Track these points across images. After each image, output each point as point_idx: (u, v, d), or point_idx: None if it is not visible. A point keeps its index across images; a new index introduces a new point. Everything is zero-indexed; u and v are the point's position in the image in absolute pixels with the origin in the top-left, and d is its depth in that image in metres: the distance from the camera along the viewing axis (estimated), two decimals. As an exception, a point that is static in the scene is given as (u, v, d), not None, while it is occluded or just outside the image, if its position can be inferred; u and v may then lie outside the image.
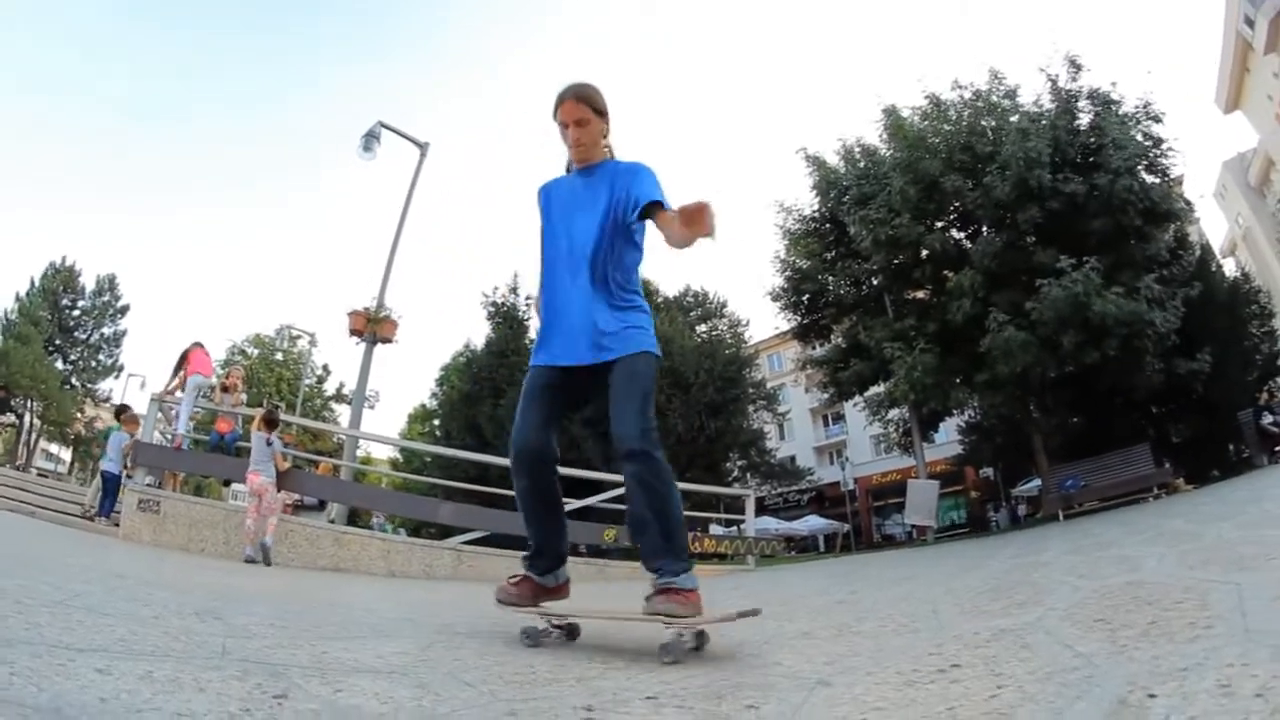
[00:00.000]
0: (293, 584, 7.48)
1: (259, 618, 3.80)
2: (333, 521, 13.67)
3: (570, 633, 3.54)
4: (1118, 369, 21.81)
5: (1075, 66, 24.59)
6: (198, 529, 10.61)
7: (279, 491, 11.02)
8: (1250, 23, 50.56)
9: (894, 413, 29.13)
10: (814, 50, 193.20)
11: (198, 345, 13.16)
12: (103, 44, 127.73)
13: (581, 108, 3.43)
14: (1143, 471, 19.66)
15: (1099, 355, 20.49)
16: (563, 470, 12.55)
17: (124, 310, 50.75)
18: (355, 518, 18.88)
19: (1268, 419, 19.42)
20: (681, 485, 12.40)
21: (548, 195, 3.62)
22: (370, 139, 17.77)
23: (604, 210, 3.39)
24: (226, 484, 15.89)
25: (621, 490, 13.95)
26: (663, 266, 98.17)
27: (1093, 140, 23.02)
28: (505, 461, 12.21)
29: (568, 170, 3.63)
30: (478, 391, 37.28)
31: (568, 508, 14.04)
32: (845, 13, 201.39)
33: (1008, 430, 30.52)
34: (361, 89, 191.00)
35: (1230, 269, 47.97)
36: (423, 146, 18.53)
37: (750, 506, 16.71)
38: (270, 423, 11.15)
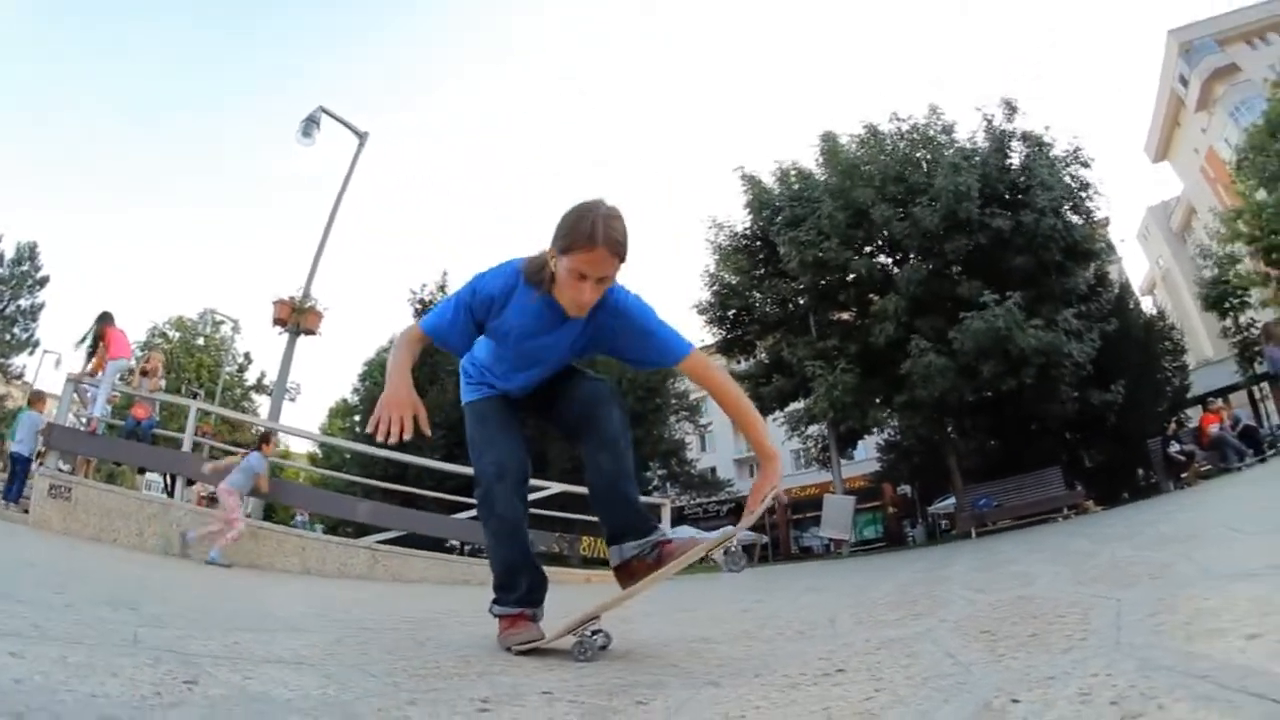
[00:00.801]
0: (207, 578, 7.45)
1: (172, 609, 3.84)
2: (248, 515, 13.55)
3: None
4: (1034, 396, 22.47)
5: (1011, 108, 25.52)
6: (110, 518, 10.31)
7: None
8: (1184, 81, 54.54)
9: (813, 429, 29.50)
10: (758, 70, 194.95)
11: (110, 322, 12.67)
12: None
13: (614, 263, 2.75)
14: (1054, 493, 20.29)
15: (1016, 383, 21.17)
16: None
17: (43, 282, 47.94)
18: (271, 513, 18.65)
19: (1174, 447, 20.04)
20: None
21: (488, 304, 2.95)
22: (310, 124, 17.59)
23: (574, 352, 3.15)
24: (141, 472, 15.61)
25: (539, 495, 13.98)
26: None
27: (1022, 179, 23.85)
28: (425, 461, 12.22)
29: (528, 281, 2.90)
30: None
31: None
32: (795, 37, 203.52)
33: (925, 450, 31.12)
34: (322, 76, 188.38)
35: (1149, 306, 51.11)
36: (362, 136, 18.41)
37: (666, 516, 16.73)
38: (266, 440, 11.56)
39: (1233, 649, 1.57)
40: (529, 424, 3.42)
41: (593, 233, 2.64)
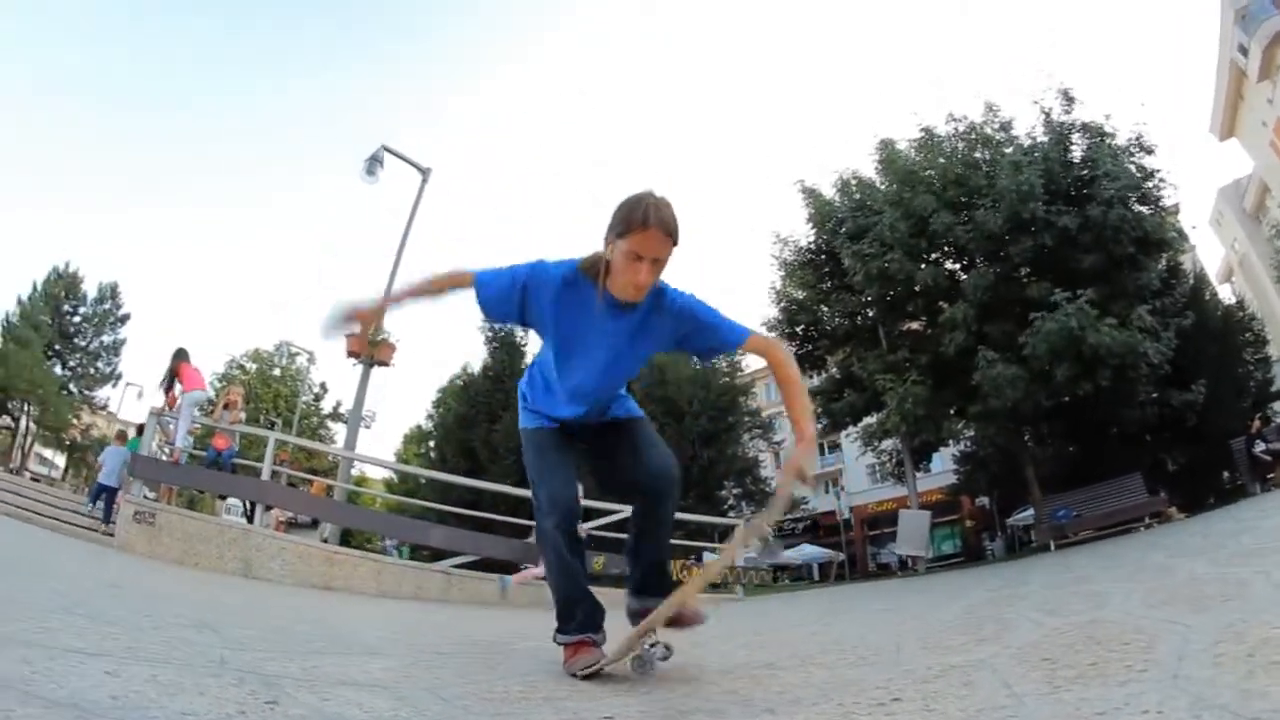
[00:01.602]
0: (285, 601, 7.60)
1: (253, 631, 3.96)
2: (325, 540, 13.77)
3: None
4: (1111, 400, 22.01)
5: (1068, 99, 24.91)
6: (191, 543, 10.60)
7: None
8: (1244, 50, 51.10)
9: (887, 443, 29.33)
10: (814, 77, 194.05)
11: (185, 359, 13.02)
12: (102, 38, 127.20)
13: (668, 244, 2.84)
14: (1135, 501, 19.77)
15: (1092, 386, 20.73)
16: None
17: (124, 319, 50.33)
18: (349, 537, 18.94)
19: (1260, 447, 19.50)
20: (676, 514, 12.52)
21: (540, 294, 3.00)
22: (374, 163, 17.93)
23: (636, 358, 3.19)
24: (222, 499, 15.98)
25: (611, 519, 14.05)
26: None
27: (1085, 172, 23.29)
28: (498, 486, 12.38)
29: (583, 275, 2.99)
30: (473, 415, 37.46)
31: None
32: (846, 41, 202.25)
33: (1002, 460, 30.63)
34: (368, 95, 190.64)
35: (1227, 294, 49.33)
36: (424, 172, 18.68)
37: (739, 536, 16.56)
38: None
39: None
40: (582, 462, 3.47)
41: (646, 216, 2.76)
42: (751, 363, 43.40)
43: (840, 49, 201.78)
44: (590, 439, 3.43)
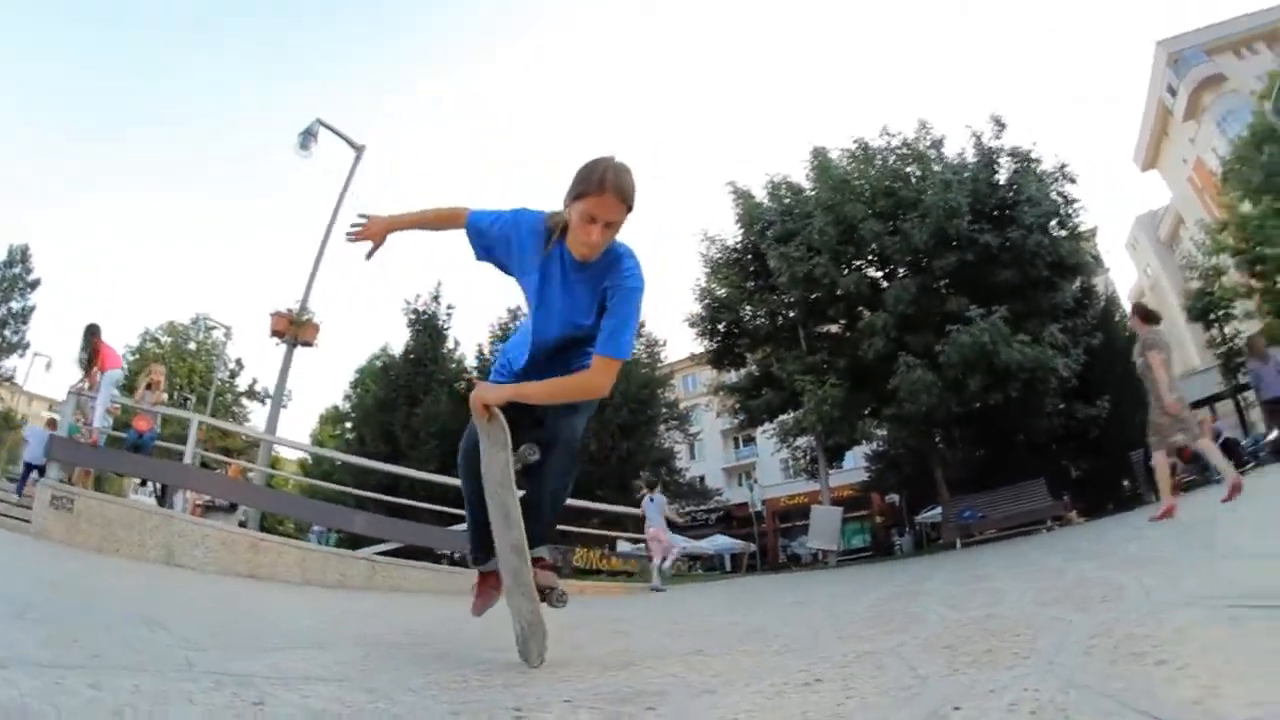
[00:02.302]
0: (215, 591, 7.65)
1: (199, 626, 4.09)
2: (244, 525, 13.66)
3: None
4: (1020, 410, 22.83)
5: (999, 125, 26.02)
6: (112, 529, 10.38)
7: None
8: (1173, 91, 55.53)
9: (802, 440, 29.84)
10: (752, 82, 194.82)
11: (98, 334, 12.65)
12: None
13: (621, 209, 3.02)
14: (1038, 505, 20.63)
15: (1002, 397, 21.51)
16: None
17: (34, 285, 47.13)
18: (265, 521, 18.78)
19: (1157, 459, 20.38)
20: (591, 505, 12.95)
21: (515, 236, 3.26)
22: (308, 136, 17.70)
23: (585, 318, 3.24)
24: (143, 483, 15.73)
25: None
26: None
27: (1010, 195, 24.38)
28: (419, 474, 12.51)
29: (549, 230, 3.22)
30: (393, 398, 36.95)
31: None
32: (785, 52, 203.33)
33: (913, 460, 31.43)
34: (313, 82, 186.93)
35: None
36: (359, 149, 18.55)
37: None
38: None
39: (1142, 673, 1.87)
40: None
41: (602, 180, 2.95)
42: (670, 355, 43.88)
43: (780, 57, 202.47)
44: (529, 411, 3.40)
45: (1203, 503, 11.40)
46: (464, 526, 11.80)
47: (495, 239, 3.30)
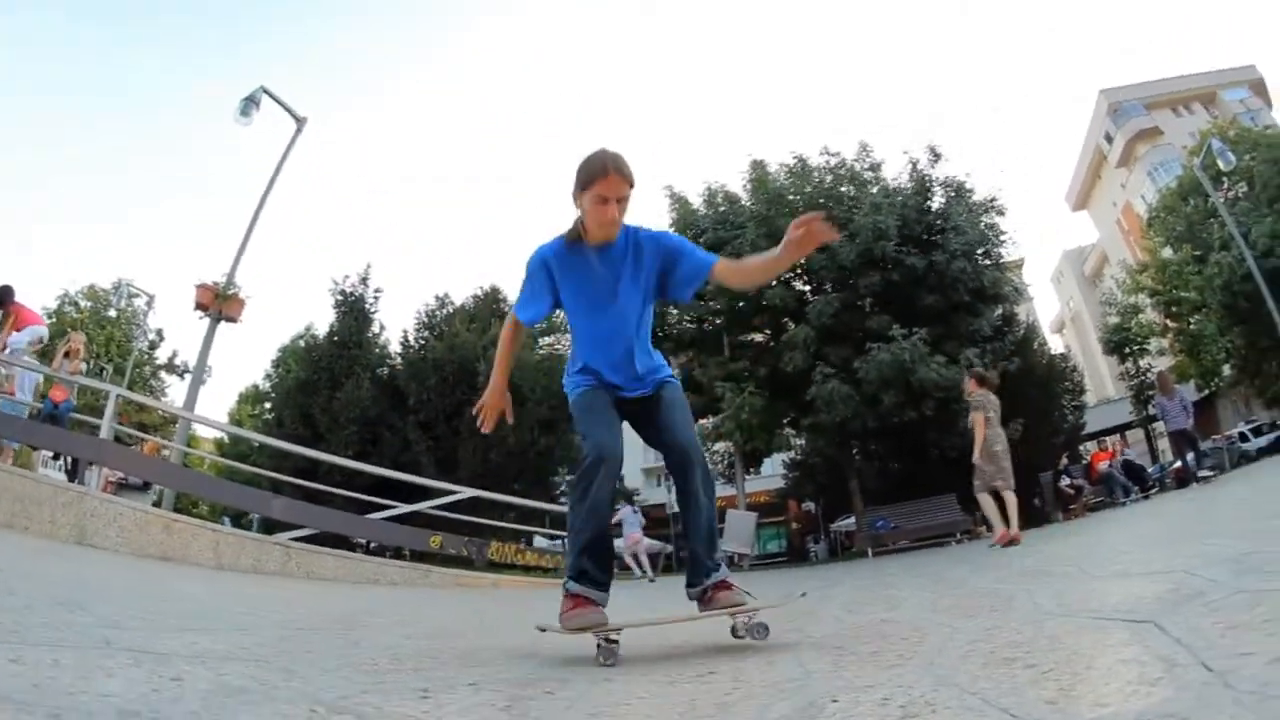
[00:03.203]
0: (130, 573, 7.51)
1: (118, 608, 4.04)
2: (158, 504, 13.37)
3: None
4: (935, 427, 23.30)
5: (935, 155, 26.76)
6: (24, 505, 9.66)
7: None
8: (1109, 138, 59.00)
9: (720, 445, 30.22)
10: (693, 91, 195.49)
11: (12, 297, 12.24)
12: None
13: (625, 185, 3.33)
14: (948, 518, 21.11)
15: (917, 414, 22.00)
16: (394, 474, 12.81)
17: None
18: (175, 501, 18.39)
19: (1065, 481, 21.17)
20: (510, 499, 12.91)
21: (549, 269, 3.50)
22: (249, 104, 17.05)
23: (632, 297, 3.52)
24: (56, 457, 15.27)
25: (448, 499, 14.19)
26: (512, 276, 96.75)
27: (939, 222, 24.99)
28: (337, 459, 12.30)
29: (571, 241, 3.49)
30: (315, 380, 36.08)
31: (396, 511, 14.03)
32: (728, 66, 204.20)
33: (830, 469, 31.79)
34: (267, 56, 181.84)
35: (1058, 344, 57.39)
36: (300, 121, 18.05)
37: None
38: None
39: (1009, 675, 2.01)
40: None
41: (604, 165, 3.28)
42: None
43: (725, 66, 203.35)
44: (634, 409, 3.72)
45: (1105, 520, 11.76)
46: (381, 515, 11.60)
47: (545, 289, 3.53)
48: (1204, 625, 1.94)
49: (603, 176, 3.26)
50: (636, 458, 60.36)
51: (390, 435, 33.46)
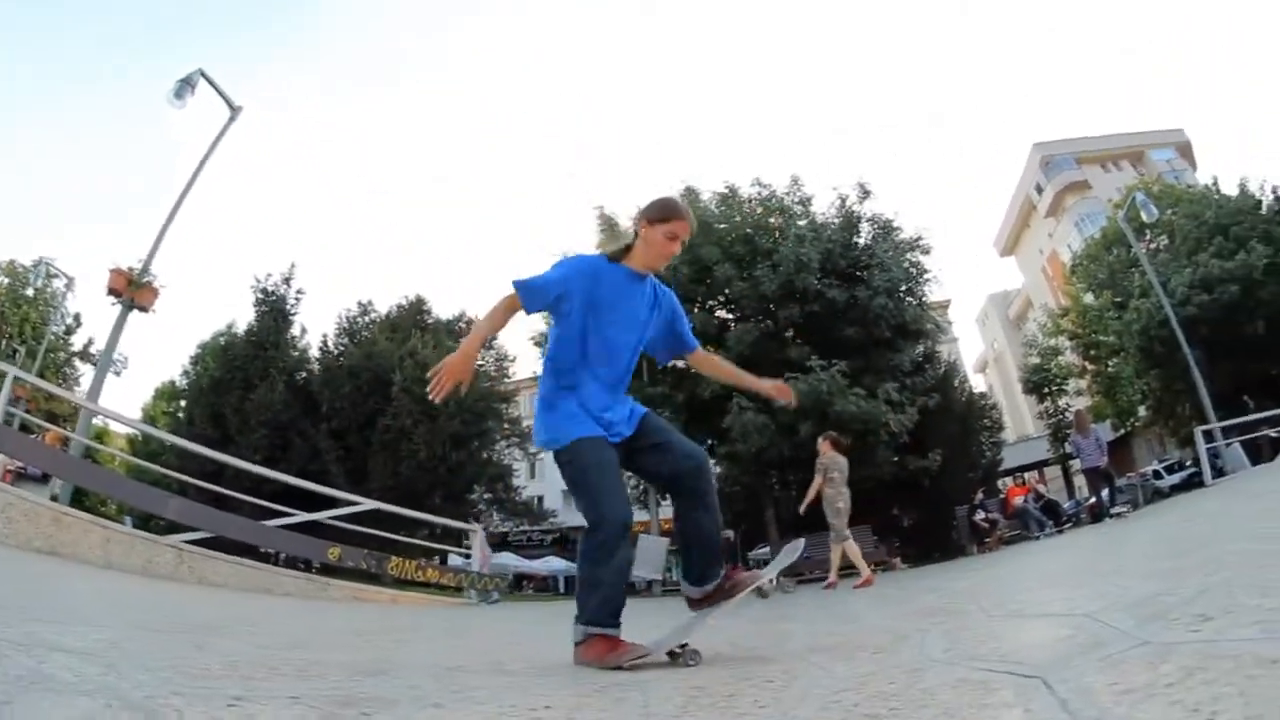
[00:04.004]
0: (8, 565, 7.31)
1: None
2: (55, 498, 12.96)
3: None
4: (853, 458, 23.47)
5: (864, 191, 27.31)
6: None
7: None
8: (1040, 189, 61.83)
9: (635, 469, 29.96)
10: (628, 110, 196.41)
11: None
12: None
13: (690, 231, 3.79)
14: (863, 550, 21.12)
15: (831, 445, 22.29)
16: (300, 482, 12.46)
17: None
18: (82, 497, 17.77)
19: (980, 515, 21.50)
20: (418, 514, 12.60)
21: (597, 282, 3.69)
22: (185, 86, 16.63)
23: (646, 327, 3.87)
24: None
25: (347, 510, 13.90)
26: (438, 287, 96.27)
27: (863, 258, 25.58)
28: (241, 463, 11.95)
29: (612, 259, 3.78)
30: (229, 380, 35.56)
31: (295, 520, 13.69)
32: (671, 84, 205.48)
33: (746, 498, 31.95)
34: (204, 41, 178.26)
35: (980, 383, 60.90)
36: (235, 109, 17.60)
37: (477, 541, 16.39)
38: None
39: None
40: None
41: (683, 210, 3.77)
42: (519, 371, 43.92)
43: (664, 92, 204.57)
44: (622, 452, 3.80)
45: (1018, 554, 11.84)
46: (278, 523, 11.39)
47: (570, 295, 3.65)
48: (1097, 685, 1.80)
49: (680, 219, 3.71)
50: (557, 480, 60.12)
51: (301, 442, 33.11)
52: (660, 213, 3.71)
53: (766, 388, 4.17)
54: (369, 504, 14.49)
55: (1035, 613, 3.73)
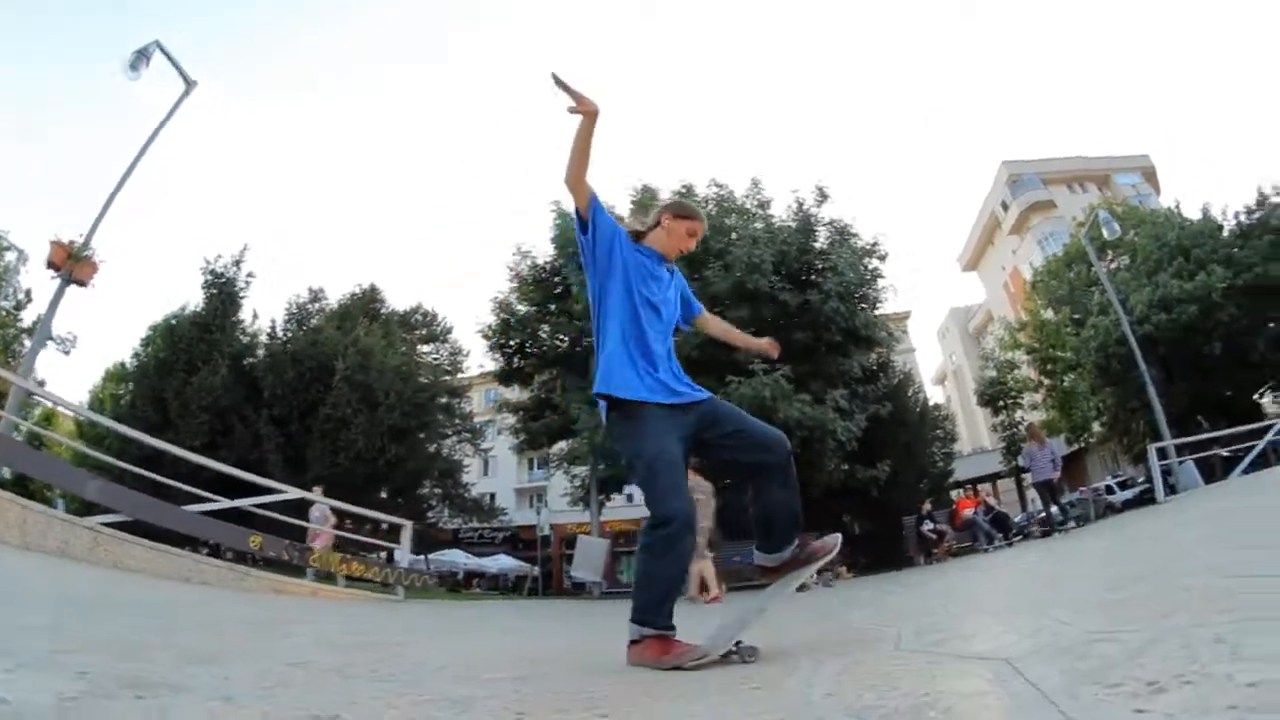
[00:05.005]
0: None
1: None
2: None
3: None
4: (800, 465, 23.36)
5: (823, 195, 27.34)
6: None
7: None
8: (1005, 206, 62.73)
9: (584, 469, 29.98)
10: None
11: None
12: None
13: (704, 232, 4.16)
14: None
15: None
16: (222, 467, 11.91)
17: None
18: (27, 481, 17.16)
19: (928, 525, 21.41)
20: (345, 506, 11.94)
21: (625, 244, 3.88)
22: (140, 57, 16.02)
23: (676, 299, 4.11)
24: None
25: (272, 498, 13.51)
26: (394, 278, 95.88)
27: (818, 262, 25.41)
28: (177, 450, 11.45)
29: (635, 238, 4.01)
30: (174, 362, 34.27)
31: (217, 506, 13.16)
32: (631, 81, 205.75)
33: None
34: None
35: (940, 395, 63.31)
36: (190, 84, 16.97)
37: (406, 536, 15.85)
38: None
39: None
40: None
41: (699, 213, 4.12)
42: (472, 364, 43.25)
43: (625, 88, 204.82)
44: (694, 423, 3.80)
45: (963, 568, 11.77)
46: (200, 507, 11.03)
47: (620, 240, 3.88)
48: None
49: (701, 221, 4.08)
50: (509, 478, 59.92)
51: (242, 427, 32.28)
52: (685, 211, 4.07)
53: (758, 345, 4.51)
54: (295, 493, 14.12)
55: (953, 650, 3.22)
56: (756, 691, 2.54)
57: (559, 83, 3.57)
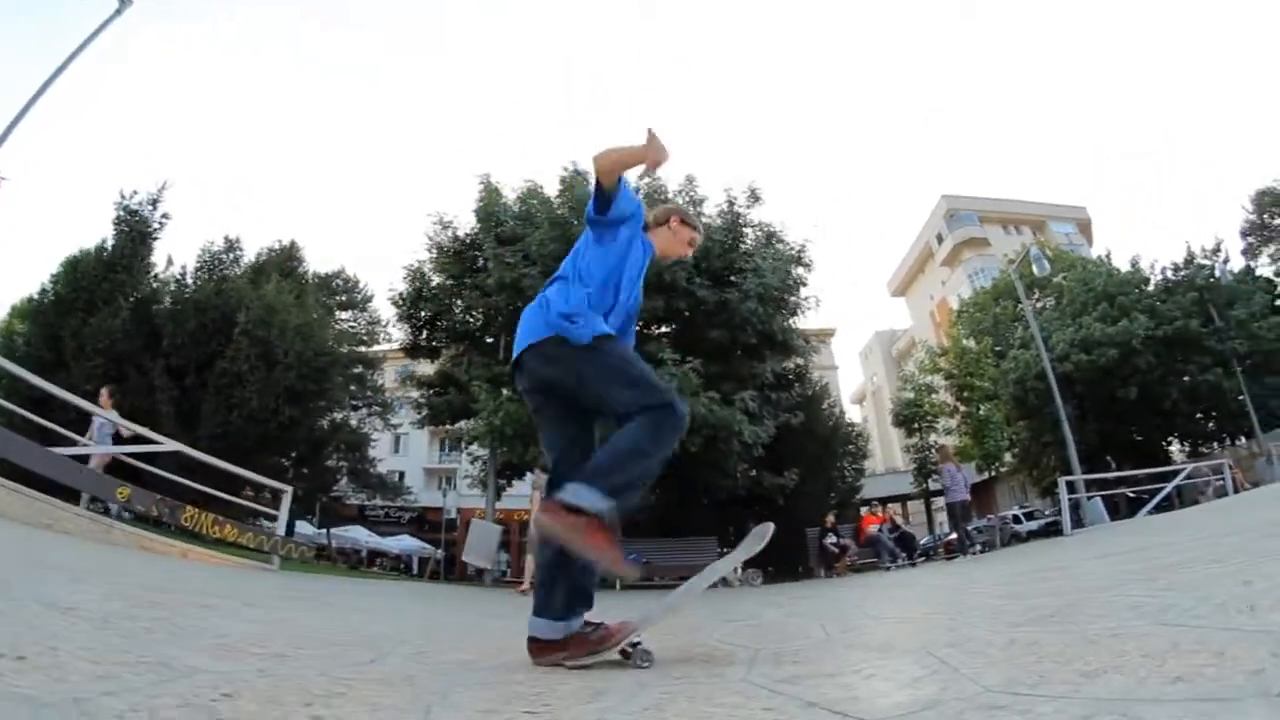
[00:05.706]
0: None
1: None
2: None
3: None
4: (706, 466, 23.18)
5: (754, 197, 27.63)
6: None
7: None
8: (940, 239, 65.58)
9: (484, 451, 29.32)
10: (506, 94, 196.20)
11: None
12: None
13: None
14: (703, 560, 20.61)
15: (679, 448, 21.73)
16: (106, 414, 10.94)
17: None
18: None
19: (831, 539, 21.30)
20: (224, 465, 10.98)
21: (642, 241, 4.02)
22: None
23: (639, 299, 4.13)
24: None
25: (146, 449, 12.70)
26: (315, 242, 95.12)
27: (740, 262, 25.51)
28: (69, 396, 10.53)
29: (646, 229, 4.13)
30: (74, 300, 32.24)
31: (84, 451, 12.27)
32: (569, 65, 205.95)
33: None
34: None
35: (857, 414, 65.72)
36: (123, 3, 16.79)
37: (285, 503, 15.05)
38: None
39: None
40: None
41: (700, 225, 4.32)
42: (391, 338, 41.62)
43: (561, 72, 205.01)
44: None
45: (860, 585, 12.19)
46: (71, 450, 10.49)
47: (638, 222, 4.01)
48: None
49: (698, 234, 4.26)
50: (420, 457, 59.03)
51: (137, 375, 30.51)
52: (692, 221, 4.24)
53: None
54: (170, 445, 13.40)
55: (801, 695, 2.41)
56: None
57: (651, 135, 3.84)
